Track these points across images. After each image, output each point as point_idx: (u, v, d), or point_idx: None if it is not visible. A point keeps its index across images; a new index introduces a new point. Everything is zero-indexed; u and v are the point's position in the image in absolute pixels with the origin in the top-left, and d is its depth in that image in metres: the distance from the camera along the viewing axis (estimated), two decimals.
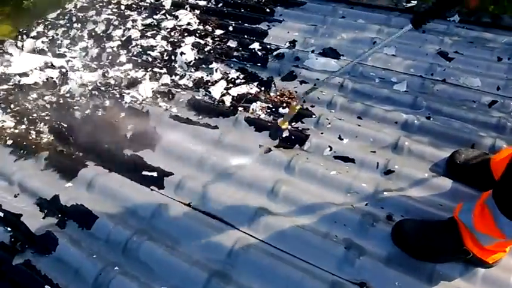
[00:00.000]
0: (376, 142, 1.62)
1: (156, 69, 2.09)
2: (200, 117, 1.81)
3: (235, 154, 1.62)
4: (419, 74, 1.93)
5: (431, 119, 1.71)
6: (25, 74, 2.18)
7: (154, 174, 1.60)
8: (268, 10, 2.40)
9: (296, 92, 1.88)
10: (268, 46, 2.15)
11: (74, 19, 2.61)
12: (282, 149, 1.62)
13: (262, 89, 1.92)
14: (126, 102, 1.91)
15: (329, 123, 1.71)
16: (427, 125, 1.68)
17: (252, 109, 1.79)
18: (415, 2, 2.40)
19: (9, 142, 1.85)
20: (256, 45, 2.15)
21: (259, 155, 1.61)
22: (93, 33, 2.43)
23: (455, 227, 1.21)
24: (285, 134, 1.64)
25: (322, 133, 1.68)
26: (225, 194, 1.49)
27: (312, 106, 1.81)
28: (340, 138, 1.66)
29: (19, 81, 2.15)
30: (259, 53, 2.11)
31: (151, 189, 1.56)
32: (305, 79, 1.96)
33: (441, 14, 1.17)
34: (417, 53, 2.07)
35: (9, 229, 1.51)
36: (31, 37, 2.56)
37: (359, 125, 1.69)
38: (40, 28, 2.64)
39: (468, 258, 1.20)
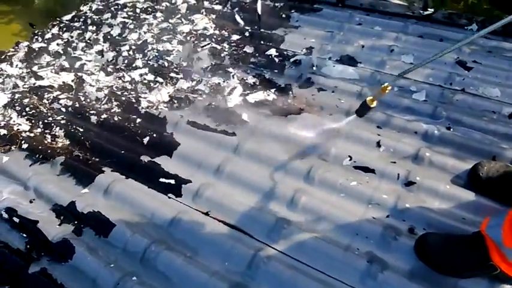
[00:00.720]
0: (397, 152, 1.60)
1: (172, 74, 2.07)
2: (217, 123, 1.79)
3: (254, 162, 1.60)
4: (438, 83, 1.91)
5: (452, 129, 1.69)
6: (40, 77, 2.18)
7: (172, 181, 1.58)
8: (284, 16, 2.38)
9: (314, 99, 1.86)
10: (285, 52, 2.14)
11: (89, 22, 2.61)
12: (301, 158, 1.60)
13: (280, 95, 1.90)
14: (142, 107, 1.90)
15: (348, 133, 1.68)
16: (447, 136, 1.65)
17: None
18: (432, 10, 2.38)
19: (25, 146, 1.84)
20: (272, 51, 2.13)
21: (278, 163, 1.59)
22: (108, 37, 2.43)
23: (481, 242, 1.19)
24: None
25: (341, 142, 1.66)
26: (244, 203, 1.47)
27: (330, 114, 1.79)
28: (359, 148, 1.64)
29: (34, 83, 2.15)
30: (276, 59, 2.09)
31: (169, 197, 1.54)
32: (323, 86, 1.94)
33: None
34: (435, 61, 1.99)
35: (24, 235, 1.51)
36: (46, 39, 2.56)
37: (379, 135, 1.67)
38: (55, 30, 2.63)
39: (495, 274, 1.18)
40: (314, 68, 2.02)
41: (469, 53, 2.08)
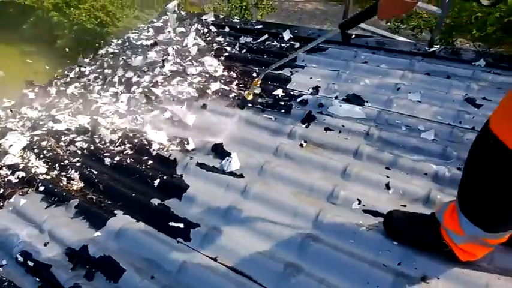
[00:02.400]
0: (407, 195, 1.59)
1: (182, 115, 2.13)
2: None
3: (262, 206, 1.61)
4: (447, 122, 1.91)
5: None
6: (57, 120, 2.27)
7: (181, 225, 1.59)
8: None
9: (320, 139, 1.88)
10: (292, 92, 2.18)
11: (105, 65, 2.73)
12: (309, 201, 1.60)
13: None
14: (154, 150, 1.95)
15: (356, 174, 1.68)
16: (459, 177, 1.58)
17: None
18: (438, 46, 2.41)
19: (41, 188, 1.90)
20: (279, 92, 2.18)
21: (286, 207, 1.59)
22: (123, 79, 2.53)
23: (436, 223, 1.31)
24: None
25: (349, 184, 1.66)
26: (253, 248, 1.47)
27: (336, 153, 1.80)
28: (368, 190, 1.63)
29: (52, 127, 2.24)
30: (283, 100, 2.13)
31: (178, 241, 1.55)
32: (329, 126, 1.96)
33: (360, 22, 1.44)
34: (444, 99, 2.05)
35: (38, 279, 1.53)
36: (64, 83, 2.69)
37: (388, 176, 1.66)
38: (73, 73, 2.76)
39: (446, 251, 1.29)
40: (321, 108, 2.06)
41: (478, 90, 2.08)
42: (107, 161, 1.97)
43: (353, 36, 2.53)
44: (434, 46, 2.39)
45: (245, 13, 7.81)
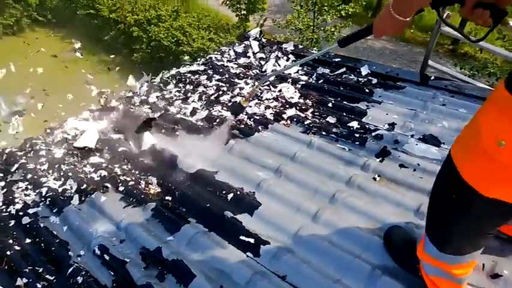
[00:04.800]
0: None
1: (257, 135, 2.22)
2: (298, 189, 1.86)
3: (332, 233, 1.62)
4: None
5: None
6: None
7: (251, 240, 1.64)
8: (367, 90, 2.47)
9: (394, 175, 1.86)
10: (367, 126, 2.19)
11: (187, 81, 2.93)
12: (381, 235, 1.59)
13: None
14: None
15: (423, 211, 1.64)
16: None
17: None
18: None
19: (121, 188, 2.05)
20: (354, 124, 2.20)
21: (356, 237, 1.59)
22: (203, 96, 2.69)
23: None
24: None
25: (423, 223, 1.62)
26: (321, 272, 1.48)
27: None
28: None
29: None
30: (358, 132, 2.15)
31: (247, 256, 1.60)
32: (404, 163, 1.94)
33: (358, 40, 1.53)
34: None
35: (112, 273, 1.65)
36: (145, 94, 2.91)
37: None
38: (155, 85, 2.99)
39: (419, 277, 1.35)
40: (396, 144, 2.05)
41: None
42: (184, 170, 2.09)
43: (432, 77, 2.52)
44: None
45: (315, 45, 8.01)
